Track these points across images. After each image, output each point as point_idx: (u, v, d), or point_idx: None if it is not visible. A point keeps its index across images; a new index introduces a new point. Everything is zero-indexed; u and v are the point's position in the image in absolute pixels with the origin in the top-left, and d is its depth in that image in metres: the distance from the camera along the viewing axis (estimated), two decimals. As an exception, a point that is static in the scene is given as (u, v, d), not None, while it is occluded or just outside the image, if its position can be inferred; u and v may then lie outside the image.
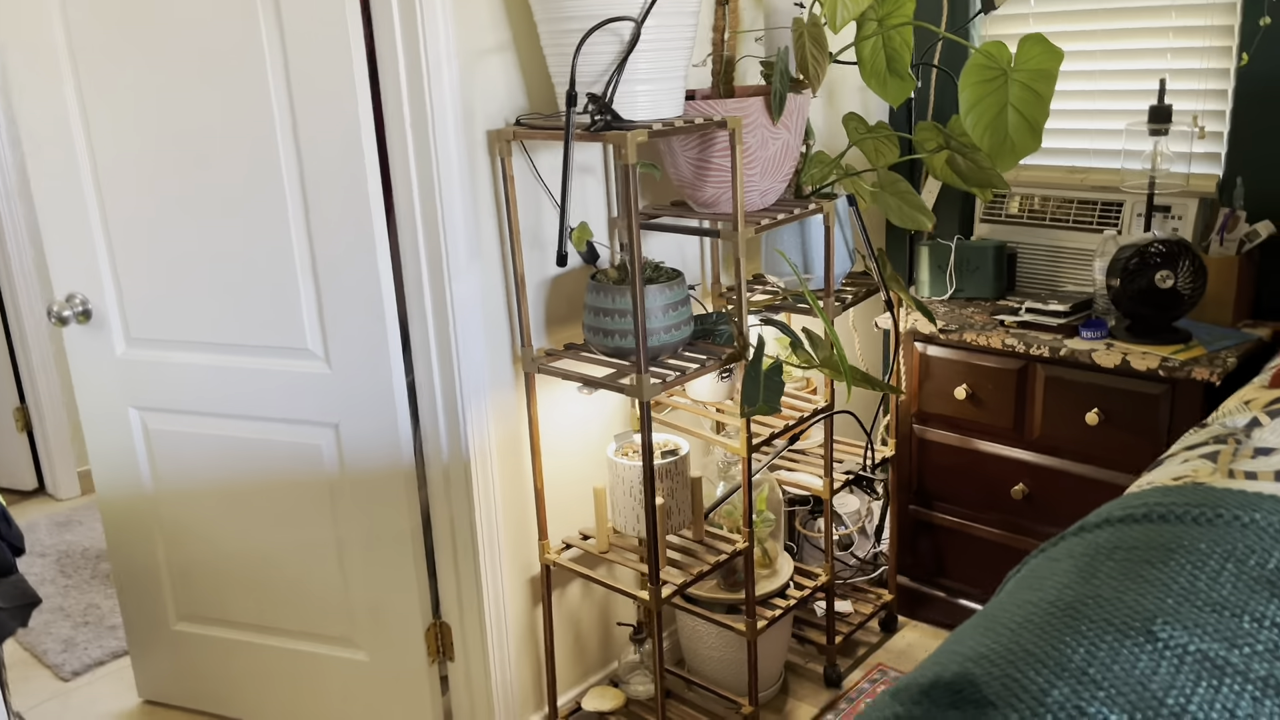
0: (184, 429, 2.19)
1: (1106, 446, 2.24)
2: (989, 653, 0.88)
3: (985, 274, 2.60)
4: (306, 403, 2.07)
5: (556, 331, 2.12)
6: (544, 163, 2.01)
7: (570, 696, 2.32)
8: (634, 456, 2.08)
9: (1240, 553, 0.98)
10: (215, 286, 2.05)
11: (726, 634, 2.33)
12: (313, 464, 2.11)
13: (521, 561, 2.15)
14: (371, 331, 1.98)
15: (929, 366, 2.49)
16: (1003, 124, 2.19)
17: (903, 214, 2.16)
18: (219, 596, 2.31)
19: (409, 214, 1.89)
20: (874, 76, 2.25)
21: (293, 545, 2.19)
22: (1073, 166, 2.64)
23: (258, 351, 2.07)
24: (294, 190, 1.93)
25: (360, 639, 2.21)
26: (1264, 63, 2.26)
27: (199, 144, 1.96)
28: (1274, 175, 2.31)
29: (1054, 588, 0.99)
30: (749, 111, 1.94)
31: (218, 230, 2.01)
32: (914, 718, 0.79)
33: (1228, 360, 2.09)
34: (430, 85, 1.79)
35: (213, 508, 2.23)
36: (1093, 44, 2.53)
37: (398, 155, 1.86)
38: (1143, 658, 0.83)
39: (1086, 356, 2.20)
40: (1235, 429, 1.36)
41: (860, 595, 2.71)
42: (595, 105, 1.72)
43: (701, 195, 2.04)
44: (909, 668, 2.49)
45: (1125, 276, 2.20)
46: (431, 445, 2.04)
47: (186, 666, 2.39)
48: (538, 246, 2.04)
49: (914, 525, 2.63)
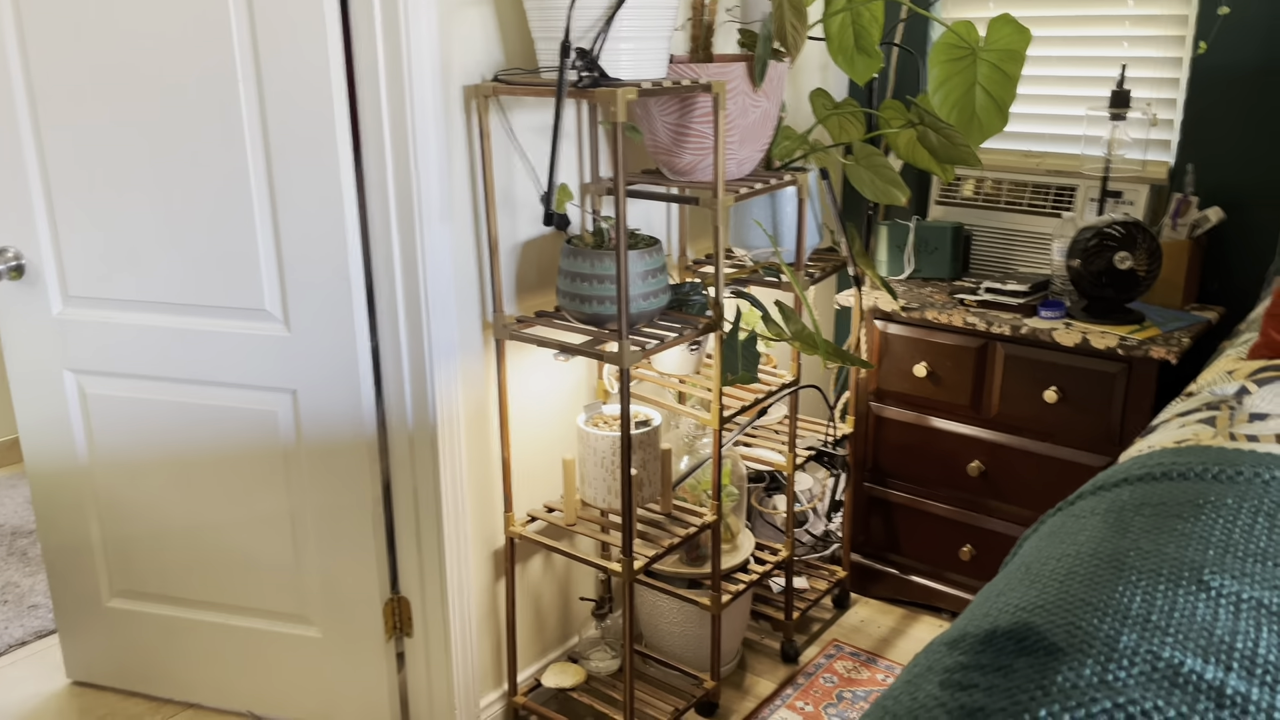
0: (126, 394, 2.07)
1: (1063, 424, 2.28)
2: (1042, 603, 0.87)
3: (942, 255, 2.63)
4: (262, 367, 1.97)
5: (526, 298, 2.06)
6: (519, 122, 1.95)
7: (529, 673, 2.27)
8: (605, 427, 2.03)
9: (1268, 508, 0.99)
10: (164, 241, 1.94)
11: (687, 609, 2.31)
12: (267, 432, 2.01)
13: (485, 534, 2.10)
14: (335, 292, 1.89)
15: (889, 344, 2.50)
16: (970, 103, 2.21)
17: (876, 187, 2.16)
18: (158, 572, 2.19)
19: (379, 169, 1.81)
20: (841, 53, 2.24)
21: (243, 517, 2.09)
22: (1028, 151, 2.68)
23: (210, 312, 1.97)
24: (255, 137, 1.83)
25: (313, 615, 2.13)
26: (1219, 52, 2.33)
27: (150, 82, 1.84)
28: (1224, 163, 2.38)
29: (1088, 541, 0.98)
30: (732, 76, 1.91)
31: (169, 179, 1.89)
32: (981, 665, 0.78)
33: (1182, 340, 2.15)
34: (409, 32, 1.71)
35: (155, 478, 2.11)
36: (1049, 30, 2.57)
37: (369, 105, 1.78)
38: (1200, 606, 0.83)
39: (1047, 335, 2.24)
40: (1225, 396, 1.39)
41: (813, 572, 2.72)
42: (583, 61, 1.67)
43: (679, 162, 2.01)
44: (865, 644, 2.51)
45: (1085, 257, 2.24)
46: (396, 413, 1.96)
47: (121, 645, 2.27)
48: (509, 209, 1.98)
49: (868, 502, 2.65)
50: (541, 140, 2.01)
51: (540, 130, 2.00)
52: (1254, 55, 2.29)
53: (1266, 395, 1.37)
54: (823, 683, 2.36)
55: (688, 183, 2.03)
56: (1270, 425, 1.25)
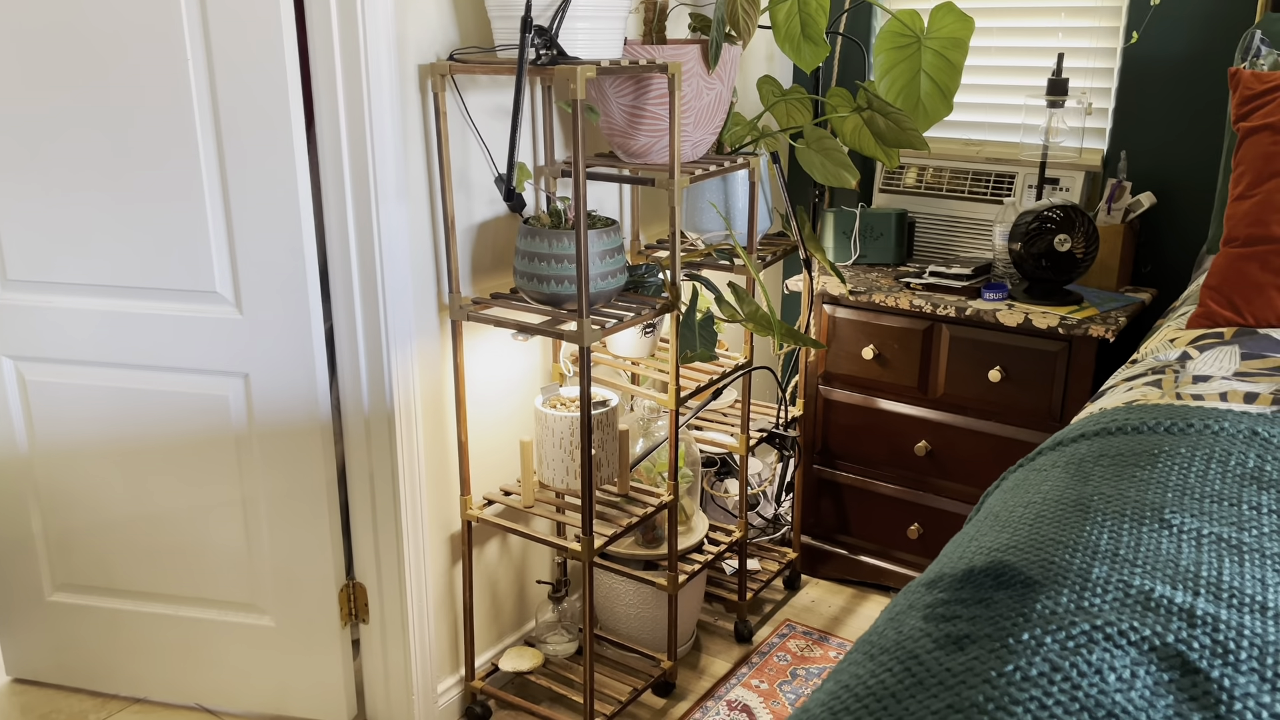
0: (68, 380, 2.01)
1: (1006, 403, 2.35)
2: (1015, 543, 0.90)
3: (887, 241, 2.68)
4: (213, 351, 1.93)
5: (481, 280, 2.06)
6: (474, 102, 1.95)
7: (487, 657, 2.26)
8: (562, 408, 2.04)
9: (1219, 455, 1.04)
10: (110, 222, 1.89)
11: (644, 591, 2.32)
12: (218, 417, 1.97)
13: (442, 518, 2.08)
14: (289, 274, 1.87)
15: (836, 328, 2.54)
16: (915, 89, 2.26)
17: (826, 170, 2.20)
18: (103, 564, 2.13)
19: (334, 147, 1.79)
20: (788, 41, 2.28)
21: (192, 506, 2.05)
22: (968, 139, 2.75)
23: (158, 295, 1.93)
24: (204, 114, 1.80)
25: (265, 603, 2.09)
26: (1151, 42, 2.42)
27: (94, 57, 1.80)
28: (1154, 149, 2.47)
29: (1052, 490, 1.02)
30: (687, 58, 1.93)
31: (114, 158, 1.85)
32: (962, 599, 0.80)
33: (1119, 319, 2.22)
34: (364, 8, 1.70)
35: (99, 467, 2.06)
36: (988, 21, 2.64)
37: (323, 82, 1.76)
38: (1164, 541, 0.87)
39: (991, 316, 2.30)
40: (1169, 361, 1.45)
41: (764, 554, 2.75)
42: (541, 39, 1.68)
43: (633, 144, 2.02)
44: (816, 623, 2.55)
45: (1025, 240, 2.31)
46: (351, 396, 1.94)
47: (64, 640, 2.21)
48: (465, 190, 1.98)
49: (817, 484, 2.69)
50: (496, 121, 2.01)
51: (495, 111, 2.00)
52: (1183, 45, 2.39)
53: (1207, 359, 1.43)
54: (776, 661, 2.39)
55: (642, 165, 2.04)
56: (1213, 385, 1.31)
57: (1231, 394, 1.26)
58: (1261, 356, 1.41)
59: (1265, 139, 1.62)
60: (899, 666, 0.73)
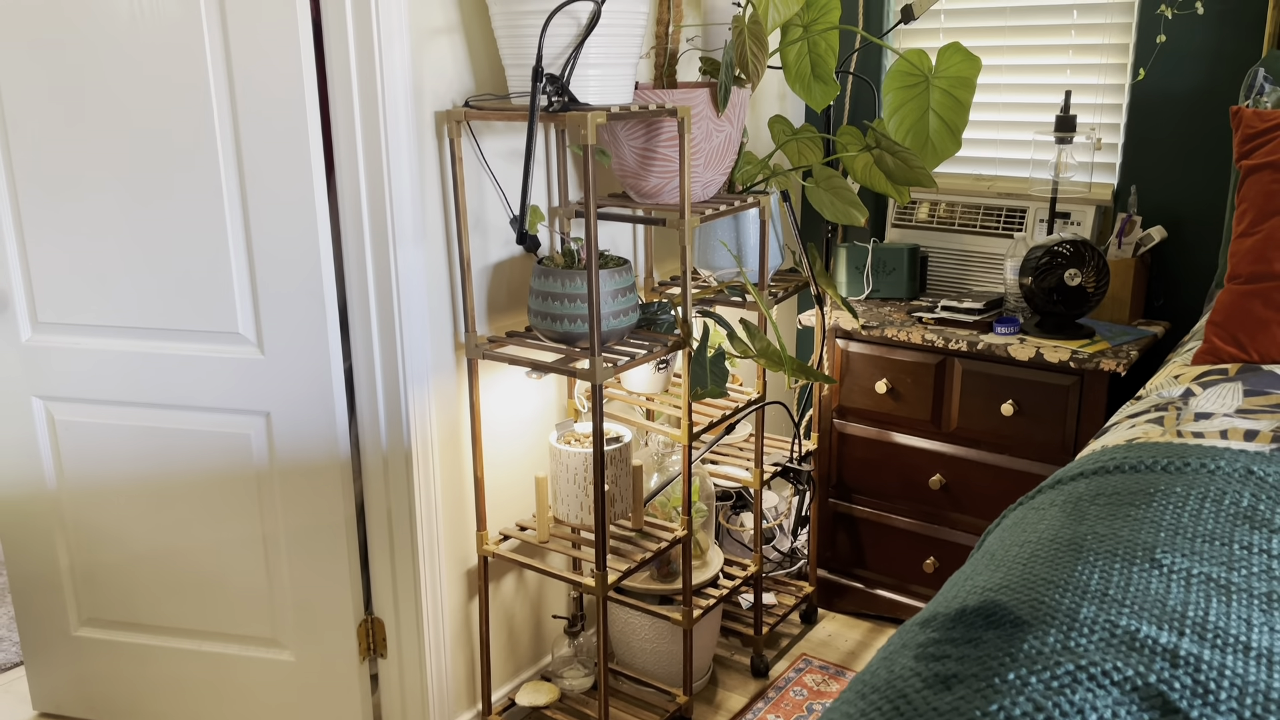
0: (95, 420, 2.06)
1: (1020, 436, 2.36)
2: (1007, 583, 0.92)
3: (900, 275, 2.71)
4: (236, 390, 1.98)
5: (496, 319, 2.10)
6: (489, 147, 2.00)
7: (503, 692, 2.28)
8: (577, 444, 2.07)
9: (1214, 494, 1.06)
10: (136, 265, 1.95)
11: (659, 625, 2.33)
12: (240, 455, 2.02)
13: (459, 554, 2.11)
14: (310, 315, 1.92)
15: (850, 362, 2.57)
16: (924, 127, 2.30)
17: (835, 209, 2.24)
18: (127, 599, 2.18)
19: (353, 192, 1.85)
20: (799, 81, 2.32)
21: (214, 542, 2.09)
22: (979, 175, 2.78)
23: (183, 336, 1.98)
24: (229, 162, 1.86)
25: (286, 638, 2.13)
26: (1158, 78, 2.44)
27: (122, 108, 1.86)
28: (1164, 184, 2.49)
29: (1048, 529, 1.04)
30: (696, 102, 1.98)
31: (141, 204, 1.91)
32: (953, 639, 0.82)
33: (1130, 353, 2.23)
34: (381, 59, 1.76)
35: (124, 504, 2.11)
36: (997, 59, 2.68)
37: (343, 129, 1.82)
38: (1153, 581, 0.88)
39: (1003, 350, 2.31)
40: (1172, 398, 1.46)
41: (780, 588, 2.76)
42: (553, 86, 1.72)
43: (645, 185, 2.06)
44: (833, 657, 2.55)
45: (1036, 275, 2.33)
46: (369, 434, 1.98)
47: (89, 675, 2.25)
48: (480, 231, 2.03)
49: (833, 518, 2.70)
50: (510, 165, 2.06)
51: (509, 155, 2.05)
52: (1190, 81, 2.41)
53: (1210, 396, 1.44)
54: (793, 696, 2.40)
55: (654, 205, 2.08)
56: (1214, 423, 1.32)
57: (1232, 431, 1.28)
58: (1264, 393, 1.42)
59: (1267, 177, 1.64)
60: (888, 706, 0.75)
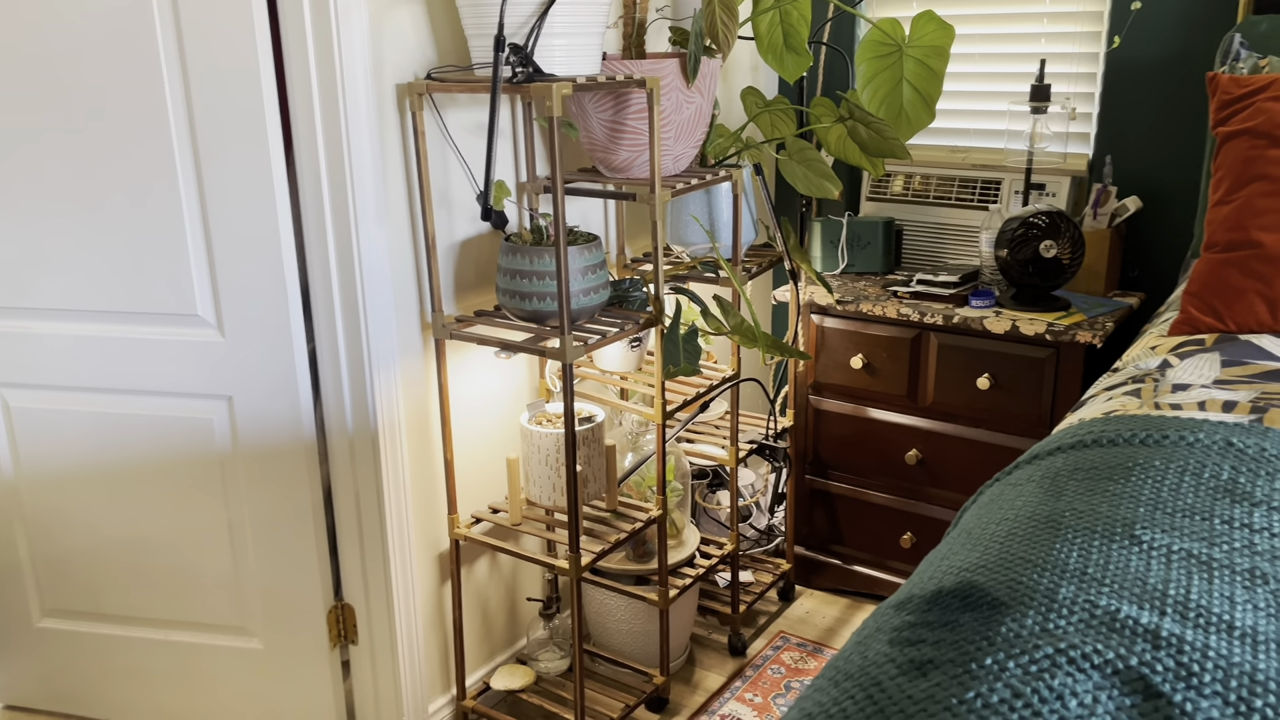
0: (52, 406, 2.01)
1: (996, 410, 2.34)
2: (984, 563, 0.89)
3: (875, 249, 2.68)
4: (196, 374, 1.93)
5: (464, 298, 2.05)
6: (454, 120, 1.95)
7: (478, 676, 2.25)
8: (549, 425, 2.03)
9: (1193, 467, 1.03)
10: (90, 248, 1.89)
11: (635, 606, 2.31)
12: (203, 440, 1.97)
13: (430, 538, 2.08)
14: (270, 296, 1.86)
15: (825, 338, 2.54)
16: (898, 98, 2.26)
17: (809, 181, 2.20)
18: (91, 589, 2.13)
19: (313, 168, 1.79)
20: (771, 51, 2.28)
21: (178, 529, 2.04)
22: (954, 146, 2.75)
23: (140, 319, 1.92)
24: (182, 139, 1.80)
25: (254, 626, 2.08)
26: (1133, 46, 2.41)
27: (69, 83, 1.80)
28: (1140, 153, 2.47)
29: (1026, 506, 1.01)
30: (665, 73, 1.93)
31: (92, 184, 1.85)
32: (929, 622, 0.79)
33: (1106, 325, 2.22)
34: (339, 30, 1.70)
35: (86, 492, 2.05)
36: (970, 28, 2.64)
37: (300, 104, 1.76)
38: (1133, 558, 0.86)
39: (978, 323, 2.29)
40: (1149, 370, 1.44)
41: (758, 565, 2.74)
42: (517, 57, 1.67)
43: (614, 159, 2.02)
44: (811, 634, 2.54)
45: (1012, 247, 2.31)
46: (335, 417, 1.94)
47: (53, 666, 2.20)
48: (446, 208, 1.97)
49: (809, 495, 2.68)
50: (477, 139, 2.01)
51: (475, 129, 2.00)
52: (1165, 49, 2.38)
53: (1187, 367, 1.42)
54: (771, 674, 2.38)
55: (624, 179, 2.04)
56: (1192, 394, 1.30)
57: (1210, 403, 1.26)
58: (1242, 363, 1.40)
59: (1243, 144, 1.61)
60: (861, 694, 0.72)
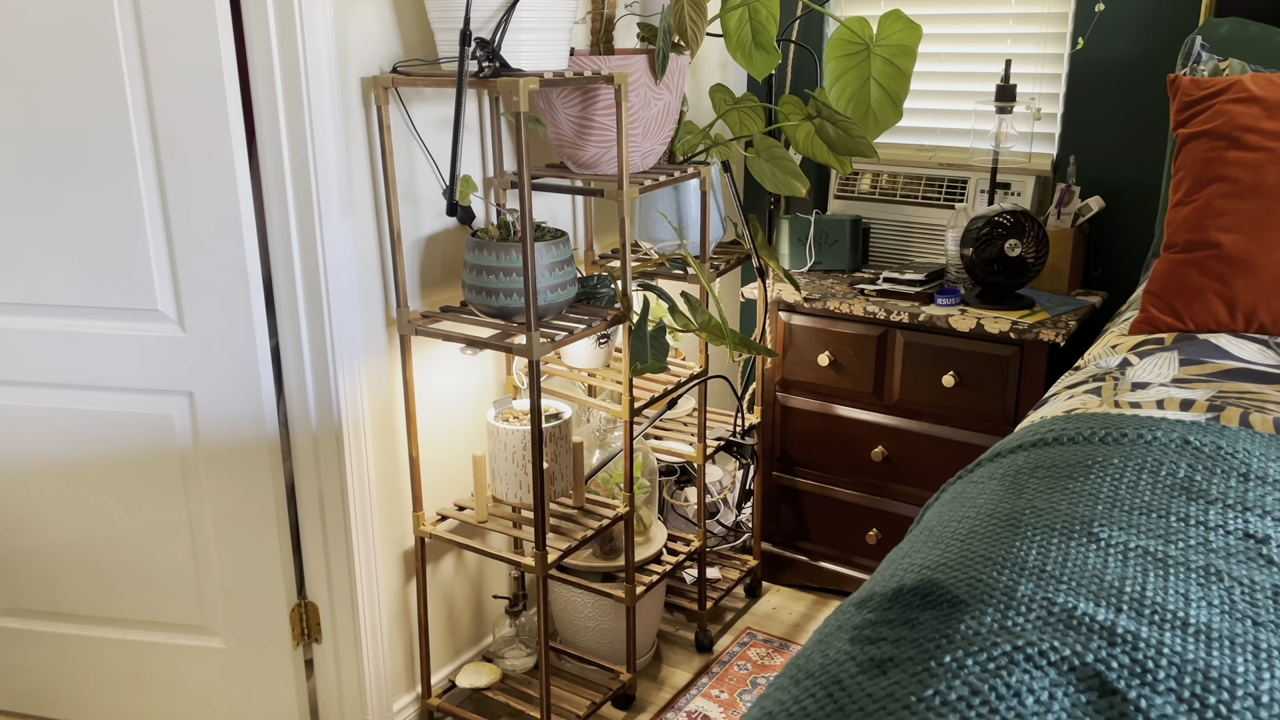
0: (8, 402, 1.97)
1: (961, 407, 2.36)
2: (945, 560, 0.89)
3: (842, 247, 2.69)
4: (156, 370, 1.90)
5: (430, 294, 2.04)
6: (419, 114, 1.93)
7: (444, 674, 2.24)
8: (515, 422, 2.02)
9: (1151, 465, 1.04)
10: (47, 242, 1.86)
11: (602, 603, 2.31)
12: (163, 437, 1.94)
13: (394, 535, 2.06)
14: (233, 290, 1.84)
15: (792, 335, 2.55)
16: (865, 96, 2.27)
17: (777, 180, 2.20)
18: (48, 588, 2.09)
19: (276, 162, 1.77)
20: (740, 49, 2.28)
21: (138, 527, 2.01)
22: (920, 145, 2.77)
23: (99, 314, 1.89)
24: (142, 131, 1.77)
25: (215, 625, 2.06)
26: (1097, 48, 2.44)
27: (24, 73, 1.76)
28: (1103, 153, 2.50)
29: (987, 504, 1.02)
30: (633, 69, 1.93)
31: (48, 176, 1.82)
32: (889, 620, 0.80)
33: (1069, 323, 2.24)
34: (303, 22, 1.68)
35: (42, 489, 2.02)
36: (937, 28, 2.66)
37: (263, 97, 1.74)
38: (1091, 555, 0.87)
39: (944, 321, 2.31)
40: (1110, 369, 1.46)
41: (725, 562, 2.75)
42: (484, 51, 1.66)
43: (582, 155, 2.01)
44: (778, 630, 2.55)
45: (977, 245, 2.32)
46: (299, 414, 1.92)
47: (10, 667, 2.16)
48: (411, 203, 1.96)
49: (776, 491, 2.69)
50: (443, 133, 1.99)
51: (441, 124, 1.98)
52: (1129, 50, 2.41)
53: (1147, 366, 1.44)
54: (737, 670, 2.39)
55: (592, 175, 2.03)
56: (1151, 393, 1.32)
57: (1168, 401, 1.27)
58: (1199, 362, 1.42)
59: (1203, 145, 1.63)
60: (822, 692, 0.72)
